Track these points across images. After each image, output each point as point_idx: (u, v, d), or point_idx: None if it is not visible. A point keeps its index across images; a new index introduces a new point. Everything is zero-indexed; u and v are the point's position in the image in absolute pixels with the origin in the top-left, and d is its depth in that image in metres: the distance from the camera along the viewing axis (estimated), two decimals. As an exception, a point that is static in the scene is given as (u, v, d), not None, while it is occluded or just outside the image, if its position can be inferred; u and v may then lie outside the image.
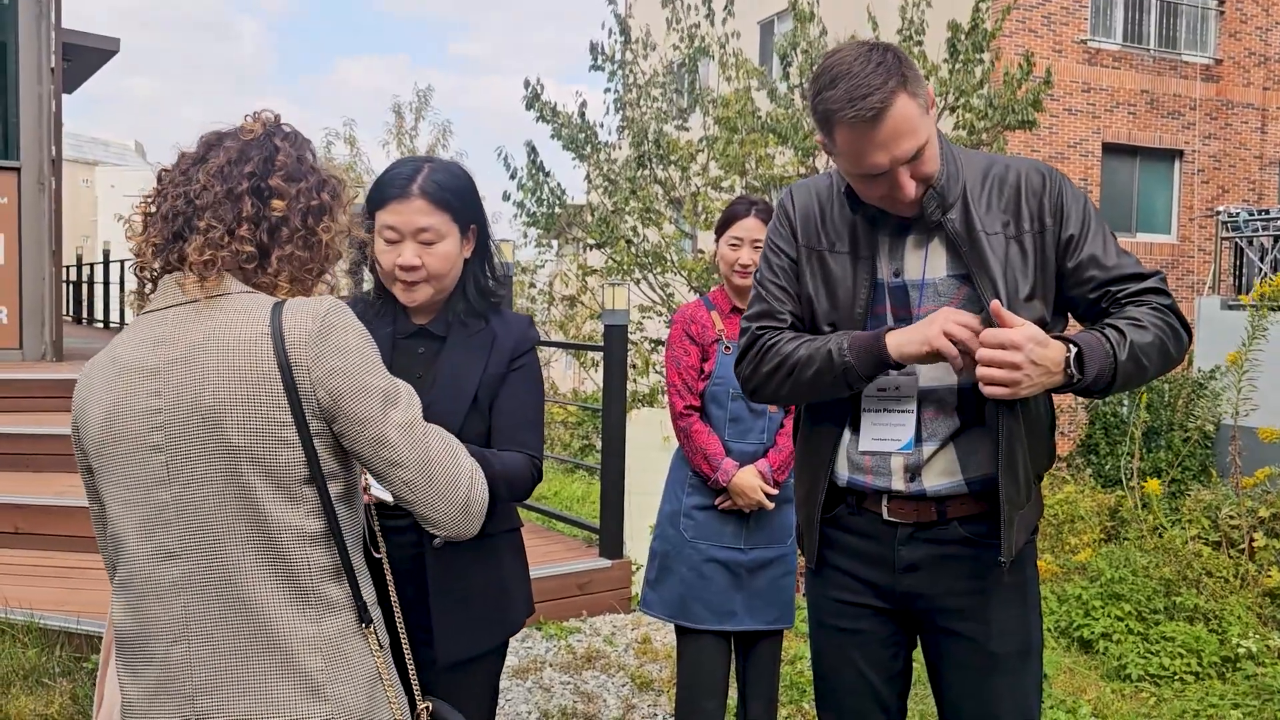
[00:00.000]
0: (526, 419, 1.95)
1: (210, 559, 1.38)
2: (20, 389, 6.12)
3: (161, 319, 1.42)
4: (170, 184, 1.44)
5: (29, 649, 3.57)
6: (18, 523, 4.65)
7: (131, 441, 1.40)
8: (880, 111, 1.66)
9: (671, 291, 10.49)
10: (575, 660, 4.00)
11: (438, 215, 1.87)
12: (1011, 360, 1.63)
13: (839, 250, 1.87)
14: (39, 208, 7.11)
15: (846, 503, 1.93)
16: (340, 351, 1.40)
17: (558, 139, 10.76)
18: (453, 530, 1.49)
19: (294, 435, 1.37)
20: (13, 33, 7.17)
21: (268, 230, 1.43)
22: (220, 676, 1.37)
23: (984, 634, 1.86)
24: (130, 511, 1.41)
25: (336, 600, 1.42)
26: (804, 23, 10.05)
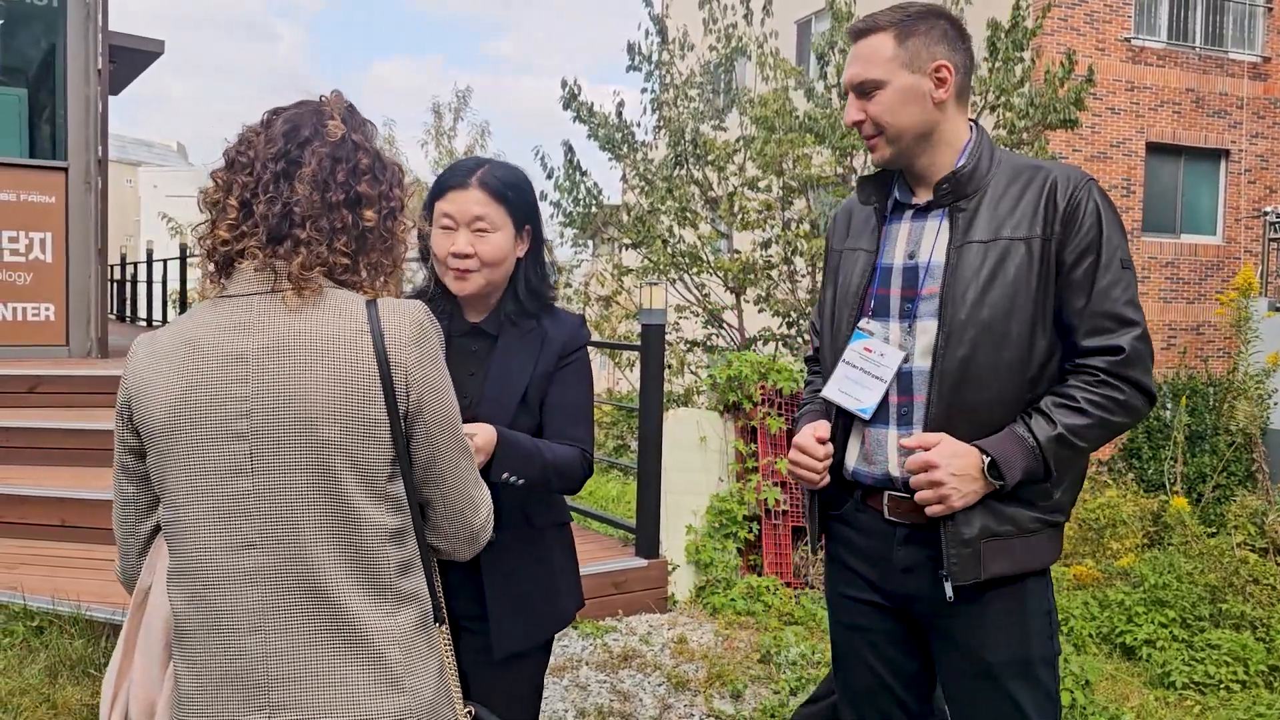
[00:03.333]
0: (578, 414, 1.98)
1: (290, 550, 1.38)
2: (67, 385, 6.22)
3: (245, 306, 1.41)
4: (257, 179, 1.41)
5: (75, 640, 3.63)
6: (65, 516, 4.72)
7: (210, 428, 1.38)
8: (859, 32, 1.90)
9: (708, 292, 10.47)
10: (612, 659, 4.00)
11: (493, 207, 1.90)
12: (931, 479, 1.76)
13: (855, 247, 1.99)
14: (86, 207, 7.23)
15: (854, 498, 1.96)
16: (434, 360, 1.44)
17: (594, 139, 10.78)
18: (453, 549, 1.53)
19: (386, 433, 1.39)
20: (61, 35, 7.30)
21: (359, 239, 1.45)
22: (297, 668, 1.37)
23: (977, 643, 1.86)
24: (202, 499, 1.39)
25: (412, 594, 1.44)
26: (842, 21, 9.99)
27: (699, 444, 5.11)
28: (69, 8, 7.21)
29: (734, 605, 4.60)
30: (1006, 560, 1.80)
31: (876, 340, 1.89)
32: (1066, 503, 1.88)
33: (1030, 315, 1.78)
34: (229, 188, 1.42)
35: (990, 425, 1.79)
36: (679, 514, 4.94)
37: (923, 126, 1.85)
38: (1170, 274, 14.88)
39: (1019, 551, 1.82)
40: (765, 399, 5.20)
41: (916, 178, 1.92)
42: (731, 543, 4.93)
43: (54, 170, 7.19)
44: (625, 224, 10.64)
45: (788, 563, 5.11)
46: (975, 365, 1.78)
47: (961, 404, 1.79)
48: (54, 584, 3.99)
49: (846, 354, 1.91)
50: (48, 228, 7.16)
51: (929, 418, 1.81)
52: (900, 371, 1.86)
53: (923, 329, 1.85)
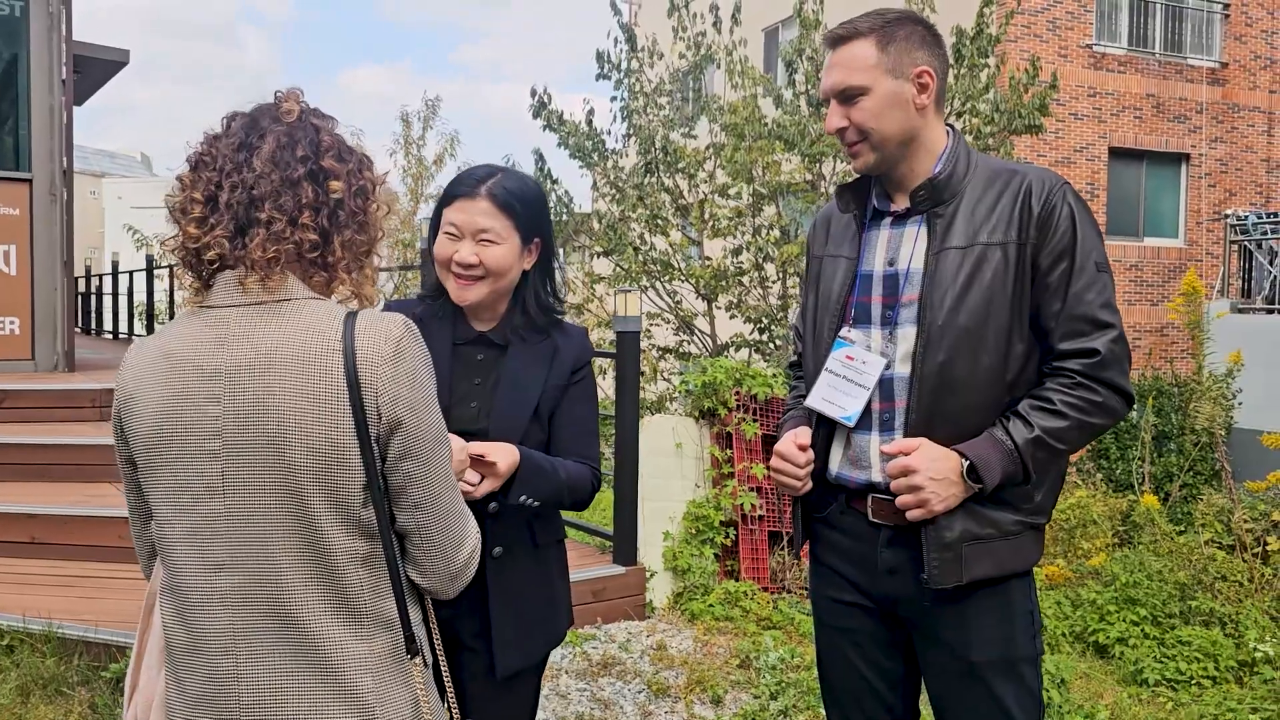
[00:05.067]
0: (587, 430, 1.99)
1: (260, 573, 1.35)
2: (34, 399, 6.13)
3: (222, 319, 1.38)
4: (220, 171, 1.38)
5: (47, 658, 3.58)
6: (34, 532, 4.66)
7: (185, 446, 1.36)
8: (839, 39, 1.90)
9: (679, 299, 10.50)
10: (591, 667, 4.00)
11: (500, 219, 1.88)
12: (911, 483, 1.78)
13: (836, 254, 2.00)
14: (51, 219, 7.13)
15: (838, 500, 1.98)
16: (410, 381, 1.38)
17: (565, 147, 10.79)
18: (434, 587, 1.46)
19: (356, 457, 1.34)
20: (24, 44, 7.21)
21: (328, 215, 1.39)
22: (268, 693, 1.35)
23: (962, 642, 1.88)
24: (179, 517, 1.38)
25: (386, 620, 1.40)
26: (809, 29, 10.07)
27: (675, 451, 5.12)
28: (31, 16, 7.12)
29: (712, 611, 4.60)
30: (989, 563, 1.82)
31: (858, 348, 1.91)
32: (1047, 504, 1.90)
33: (1007, 319, 1.80)
34: (194, 185, 1.39)
35: (970, 429, 1.81)
36: (656, 521, 4.95)
37: (905, 132, 1.87)
38: (1134, 276, 15.09)
39: (1001, 553, 1.84)
40: (740, 405, 5.23)
41: (895, 184, 1.94)
42: (709, 549, 4.94)
43: (18, 182, 7.10)
44: (596, 232, 10.66)
45: (764, 568, 5.13)
46: (954, 370, 1.80)
47: (941, 409, 1.81)
48: (24, 602, 3.93)
49: (829, 362, 1.93)
50: (11, 240, 7.06)
51: (909, 423, 1.83)
52: (882, 378, 1.87)
53: (903, 335, 1.86)
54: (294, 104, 1.43)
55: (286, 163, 1.37)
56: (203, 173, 1.39)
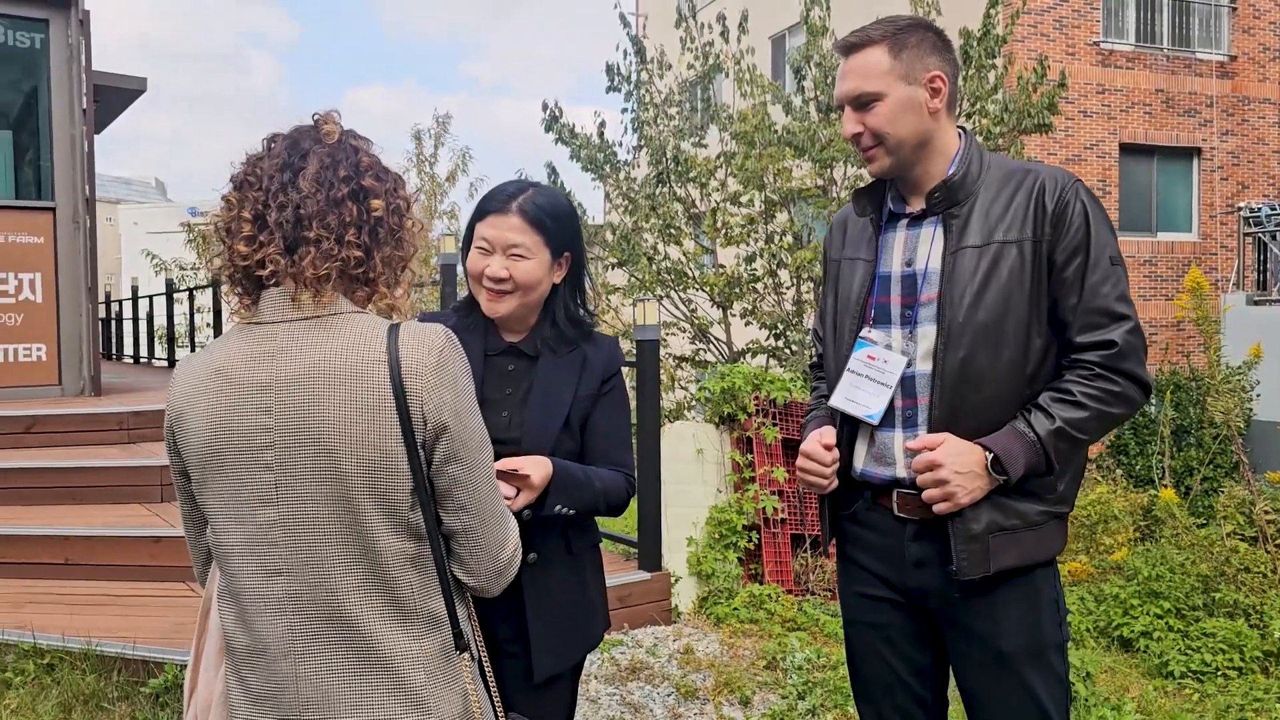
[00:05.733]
0: (621, 438, 2.04)
1: (315, 577, 1.41)
2: (63, 424, 6.23)
3: (270, 334, 1.43)
4: (266, 191, 1.43)
5: (87, 675, 3.65)
6: (68, 554, 4.74)
7: (239, 458, 1.41)
8: (851, 47, 1.95)
9: (694, 307, 10.55)
10: (620, 672, 4.05)
11: (531, 235, 1.93)
12: (936, 477, 1.82)
13: (854, 257, 2.04)
14: (74, 247, 7.26)
15: (864, 497, 2.02)
16: (453, 388, 1.43)
17: (577, 160, 10.87)
18: (479, 585, 1.52)
19: (404, 463, 1.39)
20: (44, 76, 7.35)
21: (369, 232, 1.45)
22: (325, 692, 1.41)
23: (992, 631, 1.92)
24: (235, 526, 1.43)
25: (435, 619, 1.46)
26: (816, 36, 10.13)
27: (696, 457, 5.18)
28: (51, 49, 7.26)
29: (737, 614, 4.65)
30: (1015, 552, 1.86)
31: (879, 348, 1.95)
32: (1070, 494, 1.94)
33: (1025, 315, 1.85)
34: (241, 205, 1.44)
35: (992, 423, 1.85)
36: (679, 527, 4.99)
37: (920, 136, 1.91)
38: (1149, 272, 15.06)
39: (1027, 543, 1.88)
40: (759, 410, 5.27)
41: (910, 186, 1.99)
42: (732, 553, 4.99)
43: (41, 210, 7.22)
44: (610, 243, 10.73)
45: (788, 570, 5.17)
46: (974, 366, 1.85)
47: (963, 404, 1.86)
48: (62, 621, 4.01)
49: (851, 362, 1.97)
50: (37, 268, 7.18)
51: (933, 419, 1.88)
52: (904, 376, 1.92)
53: (923, 334, 1.91)
54: (333, 126, 1.49)
55: (330, 182, 1.43)
56: (249, 192, 1.44)
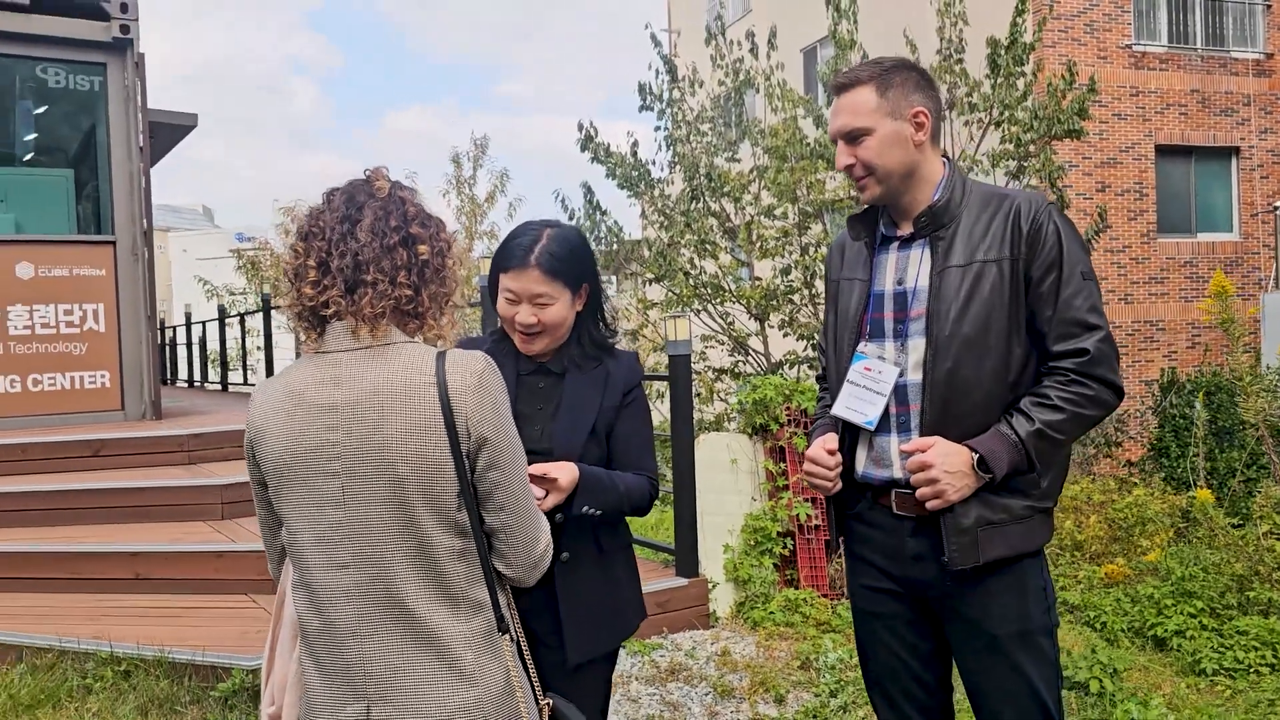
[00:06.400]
0: (644, 445, 2.24)
1: (377, 569, 1.63)
2: (127, 447, 6.55)
3: (335, 361, 1.66)
4: (329, 241, 1.65)
5: (161, 681, 3.90)
6: (138, 569, 5.02)
7: (311, 467, 1.64)
8: (842, 87, 2.13)
9: (732, 320, 10.71)
10: (659, 673, 4.22)
11: (551, 284, 2.12)
12: (928, 477, 2.00)
13: (851, 277, 2.23)
14: (134, 277, 7.61)
15: (866, 498, 2.20)
16: (493, 406, 1.66)
17: (612, 178, 11.10)
18: (517, 575, 1.74)
19: (451, 470, 1.62)
20: (103, 116, 7.72)
21: (418, 273, 1.67)
22: (389, 667, 1.63)
23: (984, 618, 2.09)
24: (308, 526, 1.66)
25: (480, 604, 1.68)
26: (845, 50, 10.27)
27: (730, 466, 5.34)
28: (110, 91, 7.63)
29: (773, 618, 4.80)
30: (1003, 545, 2.03)
31: (874, 360, 2.14)
32: (1053, 490, 2.11)
33: (1005, 327, 2.02)
34: (306, 253, 1.68)
35: (978, 426, 2.03)
36: (716, 534, 5.16)
37: (906, 166, 2.10)
38: (1189, 273, 14.96)
39: (1013, 536, 2.05)
40: (791, 419, 5.43)
41: (900, 212, 2.17)
42: (767, 559, 5.14)
43: (103, 244, 7.59)
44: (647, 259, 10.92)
45: (823, 575, 5.31)
46: (960, 375, 2.02)
47: (951, 410, 2.03)
48: (136, 631, 4.27)
49: (850, 374, 2.16)
50: (99, 299, 7.54)
51: (924, 424, 2.05)
52: (897, 385, 2.10)
53: (913, 346, 2.09)
54: (384, 181, 1.72)
55: (384, 231, 1.66)
56: (314, 242, 1.68)
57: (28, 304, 7.26)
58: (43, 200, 7.84)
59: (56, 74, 7.57)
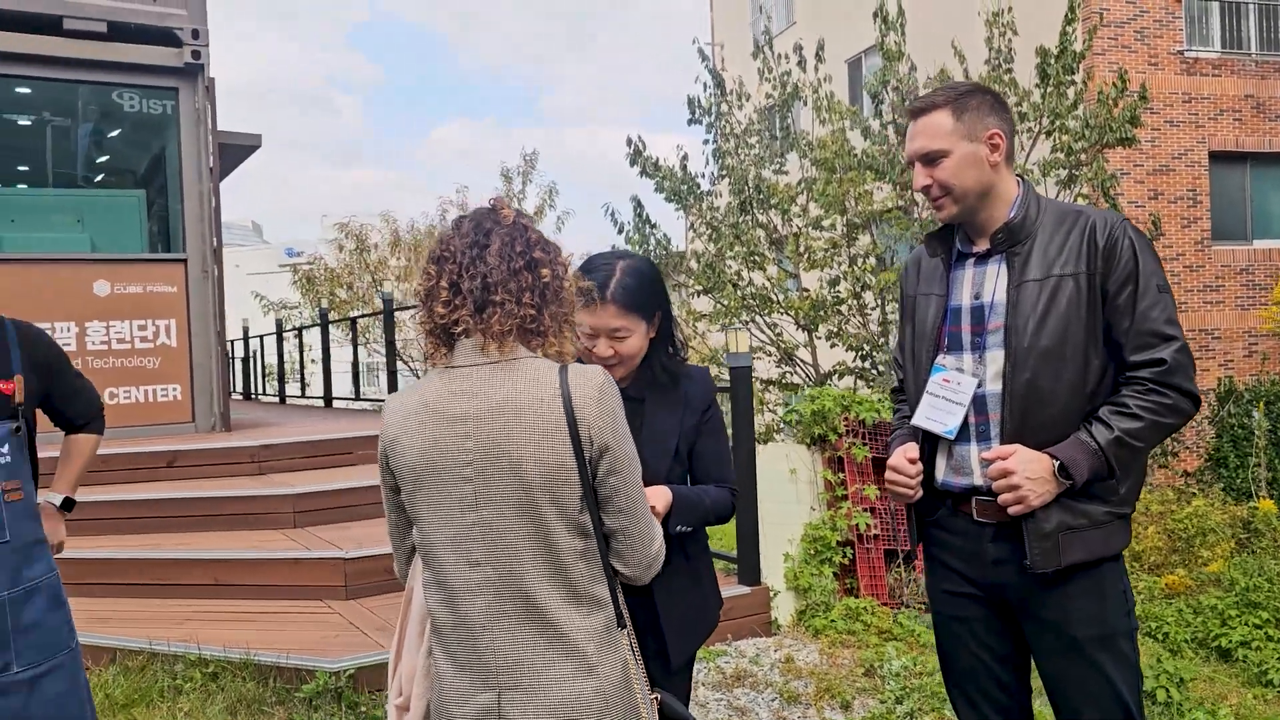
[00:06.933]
0: (723, 459, 2.35)
1: (507, 567, 1.75)
2: (200, 458, 6.77)
3: (465, 375, 1.78)
4: (459, 265, 1.78)
5: (247, 682, 4.06)
6: (216, 575, 5.20)
7: (445, 473, 1.76)
8: (918, 111, 2.23)
9: (780, 331, 10.77)
10: (725, 680, 4.31)
11: (628, 317, 2.21)
12: (1010, 483, 2.09)
13: (928, 292, 2.33)
14: (204, 294, 7.87)
15: (946, 505, 2.29)
16: (612, 415, 1.78)
17: (661, 191, 11.23)
18: (633, 574, 1.84)
19: (575, 475, 1.74)
20: (174, 139, 8.00)
21: (540, 294, 1.80)
22: (518, 658, 1.75)
23: (1064, 620, 2.16)
24: (442, 527, 1.78)
25: (600, 601, 1.79)
26: (893, 61, 10.32)
27: (790, 477, 5.42)
28: (181, 113, 7.91)
29: (834, 626, 4.86)
30: (1082, 549, 2.11)
31: (953, 371, 2.23)
32: (1131, 496, 2.18)
33: (1083, 339, 2.10)
34: (438, 276, 1.81)
35: (1057, 435, 2.11)
36: (776, 543, 5.24)
37: (982, 186, 2.20)
38: (1245, 280, 14.76)
39: (1093, 540, 2.12)
40: (849, 430, 5.50)
41: (975, 230, 2.26)
42: (827, 568, 5.21)
43: (174, 262, 7.86)
44: (695, 271, 11.03)
45: (882, 584, 5.37)
46: (1039, 385, 2.11)
47: (1030, 419, 2.11)
48: (220, 635, 4.44)
49: (929, 385, 2.25)
50: (171, 315, 7.80)
51: (1004, 432, 2.14)
52: (975, 396, 2.19)
53: (992, 358, 2.18)
54: (508, 210, 1.86)
55: (510, 256, 1.79)
56: (445, 265, 1.81)
57: (104, 320, 7.54)
58: (117, 220, 8.14)
59: (131, 98, 7.86)
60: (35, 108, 8.15)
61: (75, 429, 2.94)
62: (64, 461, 2.95)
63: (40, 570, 2.63)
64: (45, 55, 7.49)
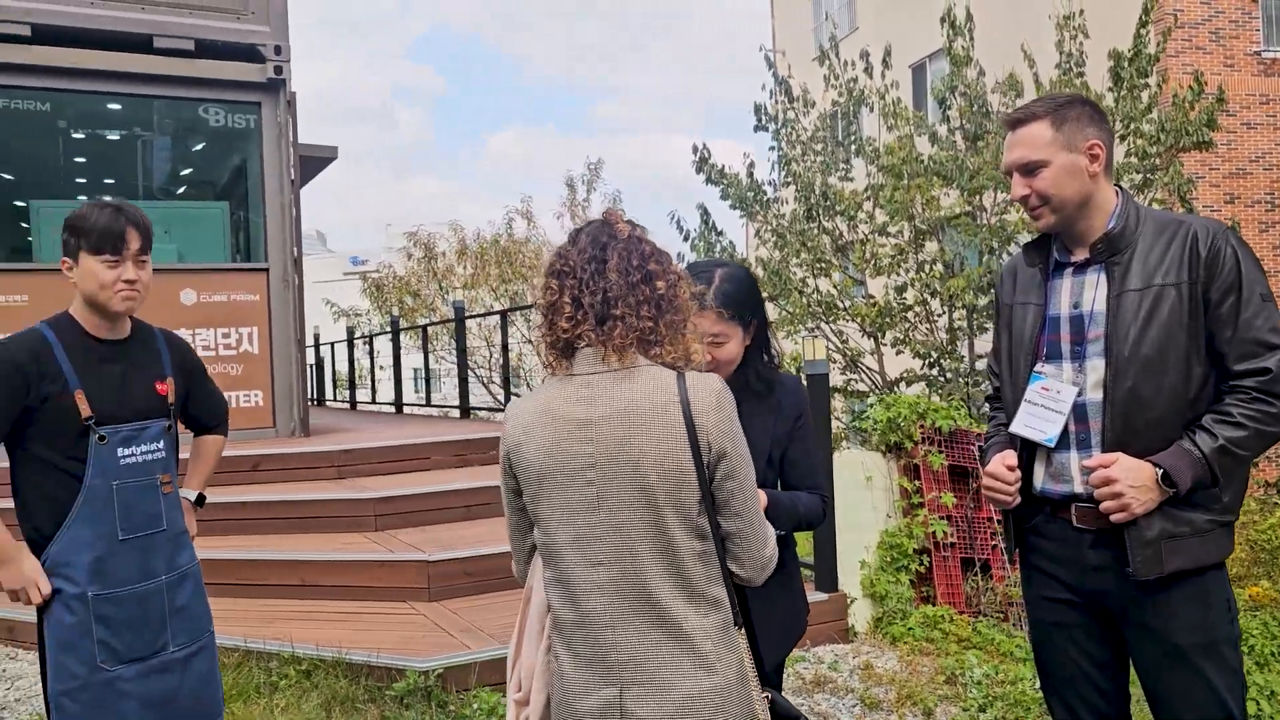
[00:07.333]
0: (813, 465, 2.40)
1: (628, 567, 1.81)
2: (282, 462, 6.96)
3: (587, 383, 1.85)
4: (579, 280, 1.86)
5: (340, 680, 4.19)
6: (303, 576, 5.36)
7: (568, 476, 1.83)
8: (1017, 122, 2.26)
9: (846, 338, 10.74)
10: (805, 685, 4.33)
11: (726, 323, 2.29)
12: (1113, 491, 2.11)
13: (1025, 301, 2.35)
14: (285, 302, 8.09)
15: (1044, 512, 2.30)
16: (729, 421, 1.84)
17: (726, 199, 11.28)
18: (748, 575, 1.89)
19: (694, 478, 1.80)
20: (256, 152, 8.25)
21: (656, 304, 1.86)
22: (640, 654, 1.81)
23: (1166, 627, 2.17)
24: (565, 528, 1.85)
25: (718, 601, 1.85)
26: (960, 66, 10.25)
27: (865, 484, 5.42)
28: (263, 127, 8.15)
29: (912, 634, 4.86)
30: (1185, 556, 2.12)
31: (1052, 380, 2.25)
32: (1234, 504, 2.18)
33: (1185, 348, 2.11)
34: (560, 291, 1.88)
35: (1159, 443, 2.12)
36: (852, 550, 5.25)
37: (1081, 196, 2.22)
38: (1327, 285, 14.35)
39: (1196, 548, 2.13)
40: (925, 437, 5.49)
41: (1074, 239, 2.28)
42: (904, 575, 5.20)
43: (257, 272, 8.10)
44: (760, 278, 11.05)
45: (959, 592, 5.34)
46: (1141, 394, 2.12)
47: (1132, 427, 2.13)
48: (309, 634, 4.58)
49: (1027, 394, 2.27)
50: (253, 323, 8.04)
51: (1105, 440, 2.16)
52: (1075, 404, 2.20)
53: (1092, 367, 2.20)
54: (623, 224, 1.92)
55: (628, 270, 1.86)
56: (566, 280, 1.88)
57: (191, 328, 7.78)
58: (201, 231, 8.41)
59: (216, 113, 8.12)
60: (125, 123, 8.46)
61: (205, 430, 3.12)
62: (195, 461, 3.13)
63: (188, 558, 2.89)
64: (136, 73, 7.78)
